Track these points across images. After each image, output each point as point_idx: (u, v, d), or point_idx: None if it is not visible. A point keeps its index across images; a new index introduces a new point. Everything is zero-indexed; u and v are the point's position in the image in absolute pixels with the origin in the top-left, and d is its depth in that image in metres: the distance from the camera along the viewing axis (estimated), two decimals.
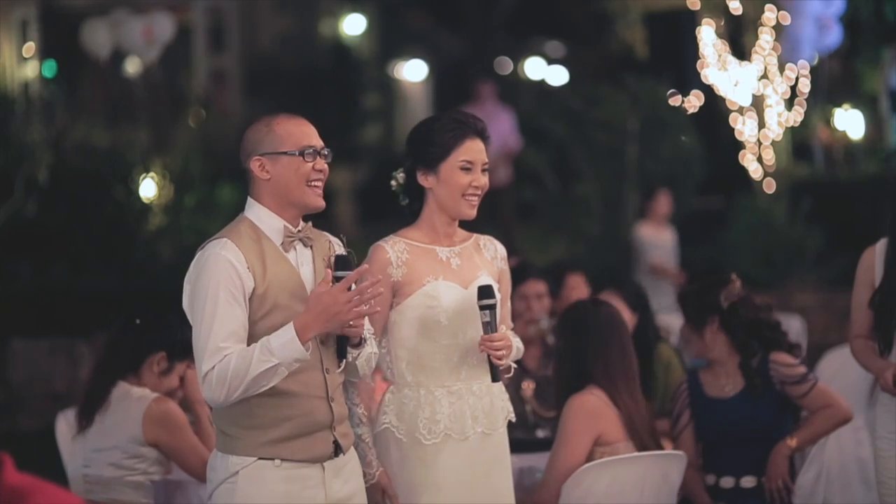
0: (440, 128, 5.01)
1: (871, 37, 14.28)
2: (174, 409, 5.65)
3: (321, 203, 4.57)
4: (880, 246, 5.61)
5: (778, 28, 12.96)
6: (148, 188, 12.78)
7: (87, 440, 5.71)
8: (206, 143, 15.80)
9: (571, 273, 7.94)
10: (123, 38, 12.80)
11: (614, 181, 12.79)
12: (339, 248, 4.67)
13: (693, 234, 12.94)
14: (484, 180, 5.02)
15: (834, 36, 13.08)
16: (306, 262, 4.58)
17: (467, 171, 4.98)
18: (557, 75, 21.65)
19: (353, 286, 4.42)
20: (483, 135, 5.04)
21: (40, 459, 4.58)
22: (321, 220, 4.69)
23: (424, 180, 5.02)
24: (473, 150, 4.99)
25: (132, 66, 14.09)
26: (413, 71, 22.57)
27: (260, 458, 4.46)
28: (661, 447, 5.75)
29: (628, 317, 6.64)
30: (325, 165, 4.56)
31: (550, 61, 22.06)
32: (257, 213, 4.56)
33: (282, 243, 4.53)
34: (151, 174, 12.82)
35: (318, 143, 4.56)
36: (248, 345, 4.41)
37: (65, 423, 6.66)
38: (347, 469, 4.62)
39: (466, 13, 20.71)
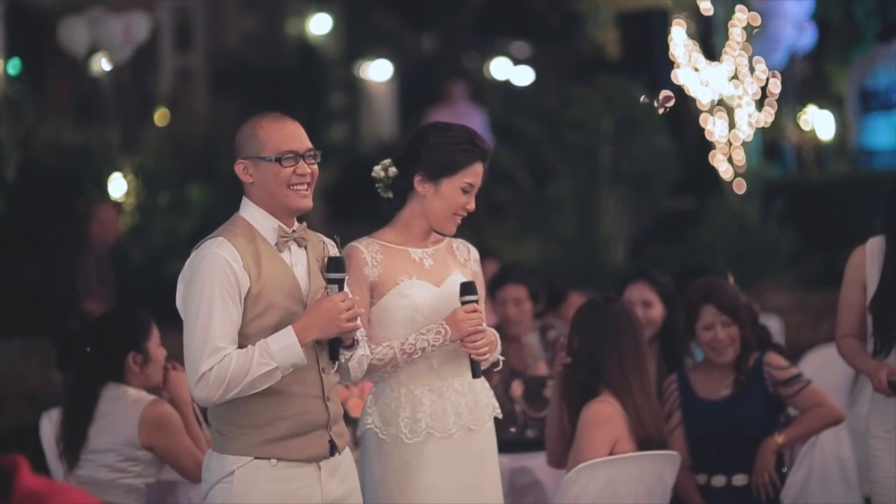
0: (454, 143, 5.00)
1: (840, 38, 14.33)
2: (169, 412, 5.62)
3: (306, 204, 4.55)
4: (871, 245, 5.58)
5: (749, 29, 13.00)
6: (118, 187, 12.71)
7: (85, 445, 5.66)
8: (174, 142, 15.72)
9: (574, 291, 7.97)
10: (101, 36, 12.71)
11: (588, 181, 12.79)
12: (332, 249, 4.67)
13: (666, 234, 12.96)
14: (473, 203, 5.04)
15: (809, 37, 13.15)
16: (300, 263, 4.57)
17: (466, 192, 5.01)
18: (523, 75, 21.63)
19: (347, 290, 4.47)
20: (485, 158, 5.06)
21: None
22: None
23: (421, 186, 5.02)
24: (478, 173, 5.03)
25: (100, 65, 13.96)
26: (378, 71, 22.51)
27: (256, 458, 4.45)
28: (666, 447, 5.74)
29: (659, 310, 6.63)
30: (310, 168, 4.54)
31: (517, 61, 22.04)
32: (251, 213, 4.55)
33: (276, 243, 4.53)
34: (121, 173, 12.74)
35: (302, 146, 4.53)
36: (238, 345, 4.41)
37: (49, 424, 6.62)
38: (343, 469, 4.62)
39: (433, 13, 20.68)
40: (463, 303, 4.92)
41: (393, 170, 5.09)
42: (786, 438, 5.91)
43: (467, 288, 4.94)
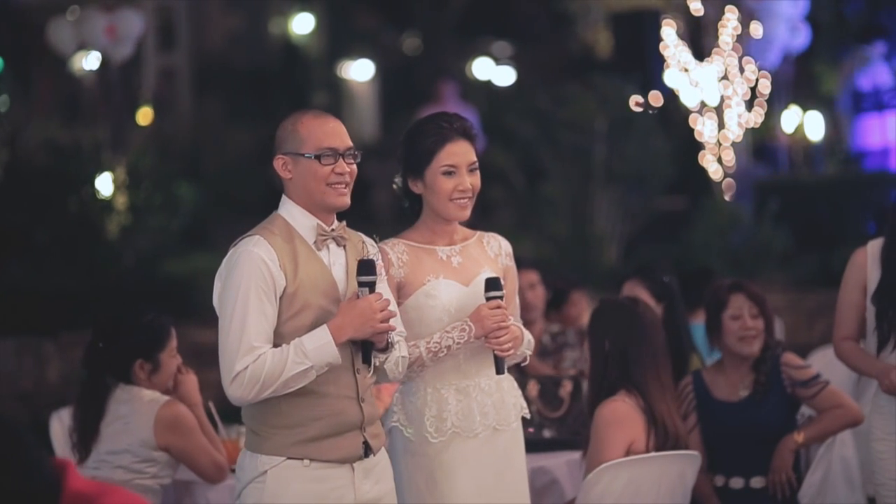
0: (422, 133, 4.95)
1: (830, 38, 14.36)
2: (184, 412, 5.57)
3: (345, 202, 4.53)
4: (871, 247, 5.56)
5: (740, 29, 13.02)
6: (105, 186, 12.63)
7: (98, 442, 5.61)
8: (159, 141, 15.69)
9: (576, 290, 7.96)
10: (89, 35, 12.64)
11: (581, 181, 12.79)
12: (372, 249, 4.66)
13: (659, 234, 12.96)
14: (470, 181, 4.96)
15: (803, 37, 13.17)
16: (339, 262, 4.55)
17: (450, 174, 4.92)
18: (505, 75, 21.65)
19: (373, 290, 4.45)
20: (468, 134, 4.97)
21: None
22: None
23: (415, 186, 4.99)
24: (455, 153, 4.93)
25: (89, 63, 13.88)
26: (360, 70, 22.50)
27: (289, 458, 4.44)
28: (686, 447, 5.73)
29: (653, 307, 6.64)
30: (349, 167, 4.52)
31: (503, 61, 22.05)
32: (290, 211, 4.54)
33: (314, 242, 4.50)
34: (109, 172, 12.67)
35: (343, 144, 4.52)
36: (273, 344, 4.39)
37: (59, 424, 6.58)
38: (378, 470, 4.60)
39: (415, 13, 20.69)
40: (487, 299, 4.89)
41: (398, 178, 5.08)
42: (805, 438, 5.90)
43: (491, 284, 4.90)
